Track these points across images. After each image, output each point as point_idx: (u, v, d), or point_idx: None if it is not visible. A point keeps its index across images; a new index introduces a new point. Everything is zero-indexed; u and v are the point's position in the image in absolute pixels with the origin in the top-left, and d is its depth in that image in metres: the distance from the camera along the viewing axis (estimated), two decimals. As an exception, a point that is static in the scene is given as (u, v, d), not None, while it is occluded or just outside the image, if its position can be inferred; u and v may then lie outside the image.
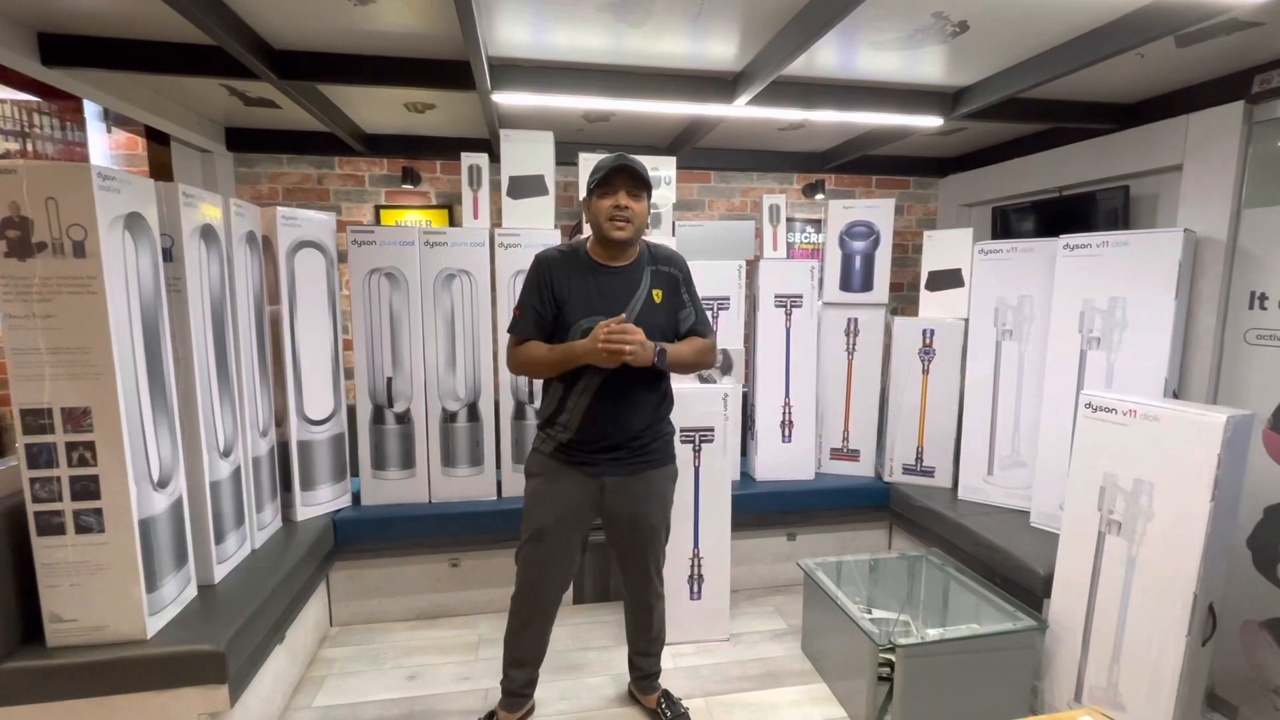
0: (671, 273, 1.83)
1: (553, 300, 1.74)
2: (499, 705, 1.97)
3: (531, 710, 2.05)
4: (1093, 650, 1.89)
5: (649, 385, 1.78)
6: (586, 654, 2.40)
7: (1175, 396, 2.21)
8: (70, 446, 1.53)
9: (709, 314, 2.81)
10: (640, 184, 1.70)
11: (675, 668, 2.32)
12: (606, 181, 1.68)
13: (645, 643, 2.03)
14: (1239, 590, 2.06)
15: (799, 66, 2.27)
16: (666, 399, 1.87)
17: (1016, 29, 2.00)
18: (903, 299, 4.01)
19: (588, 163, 2.70)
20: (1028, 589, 2.14)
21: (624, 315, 1.66)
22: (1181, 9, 1.73)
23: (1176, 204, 2.40)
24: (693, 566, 2.44)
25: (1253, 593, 2.06)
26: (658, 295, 1.79)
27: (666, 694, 2.07)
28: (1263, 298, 2.10)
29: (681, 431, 2.36)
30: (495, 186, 2.71)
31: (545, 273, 1.76)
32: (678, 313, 1.83)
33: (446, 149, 3.34)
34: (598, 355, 1.61)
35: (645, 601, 1.97)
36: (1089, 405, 1.95)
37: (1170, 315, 2.13)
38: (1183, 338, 2.23)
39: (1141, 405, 1.81)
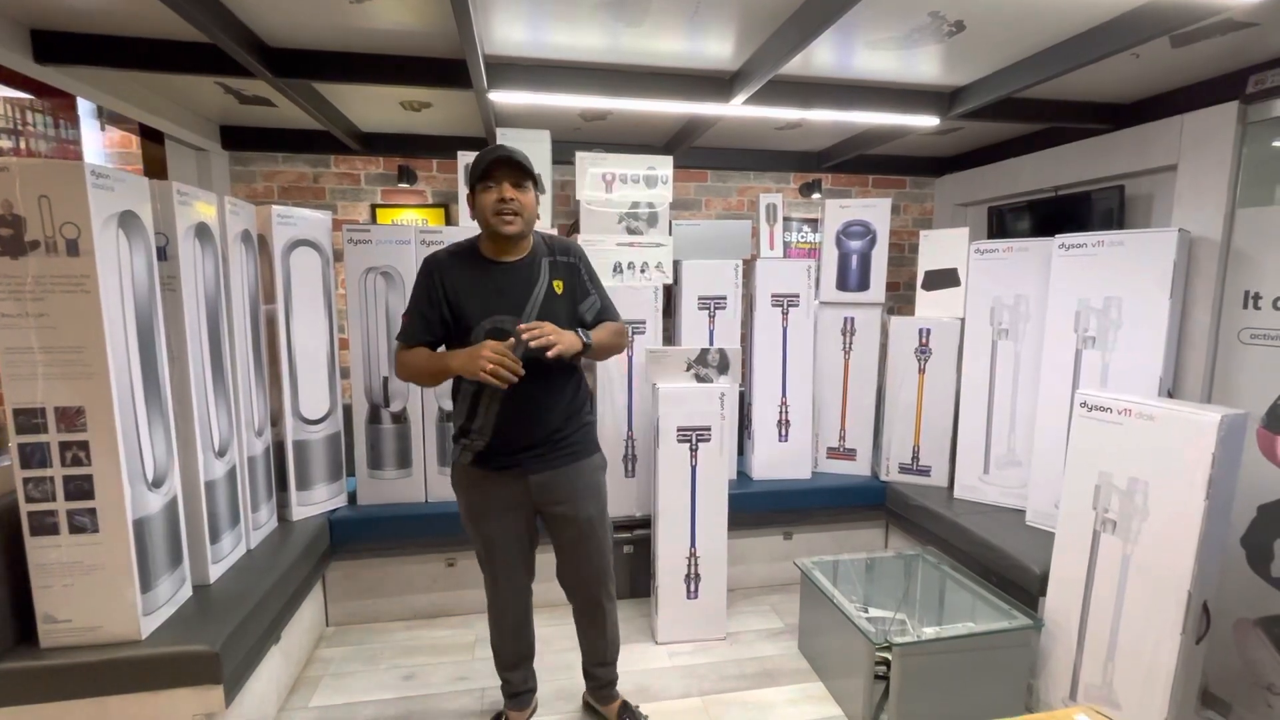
0: (571, 262, 1.76)
1: (445, 304, 1.66)
2: (506, 707, 1.97)
3: (536, 708, 2.05)
4: (1088, 648, 1.90)
5: (561, 379, 1.72)
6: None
7: (1170, 396, 2.21)
8: (64, 446, 1.52)
9: (705, 314, 2.84)
10: (523, 174, 1.61)
11: (672, 666, 2.32)
12: (487, 175, 1.60)
13: (600, 650, 1.94)
14: (1233, 588, 2.07)
15: (795, 66, 2.27)
16: (581, 390, 1.81)
17: (1012, 29, 2.00)
18: (899, 298, 4.02)
19: (584, 161, 2.70)
20: (1023, 587, 2.15)
21: (513, 341, 1.56)
22: (1176, 9, 1.73)
23: (1171, 204, 2.41)
24: (689, 566, 2.44)
25: (1246, 591, 2.07)
26: (559, 286, 1.72)
27: (626, 704, 2.00)
28: (1256, 297, 2.11)
29: (678, 430, 2.37)
30: (492, 185, 2.70)
31: (435, 276, 1.68)
32: (580, 302, 1.76)
33: (443, 148, 3.33)
34: (474, 372, 1.51)
35: (594, 600, 1.88)
36: (1084, 404, 1.95)
37: (1165, 314, 2.13)
38: (1177, 337, 2.24)
39: (1136, 404, 1.82)
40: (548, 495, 1.76)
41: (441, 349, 1.73)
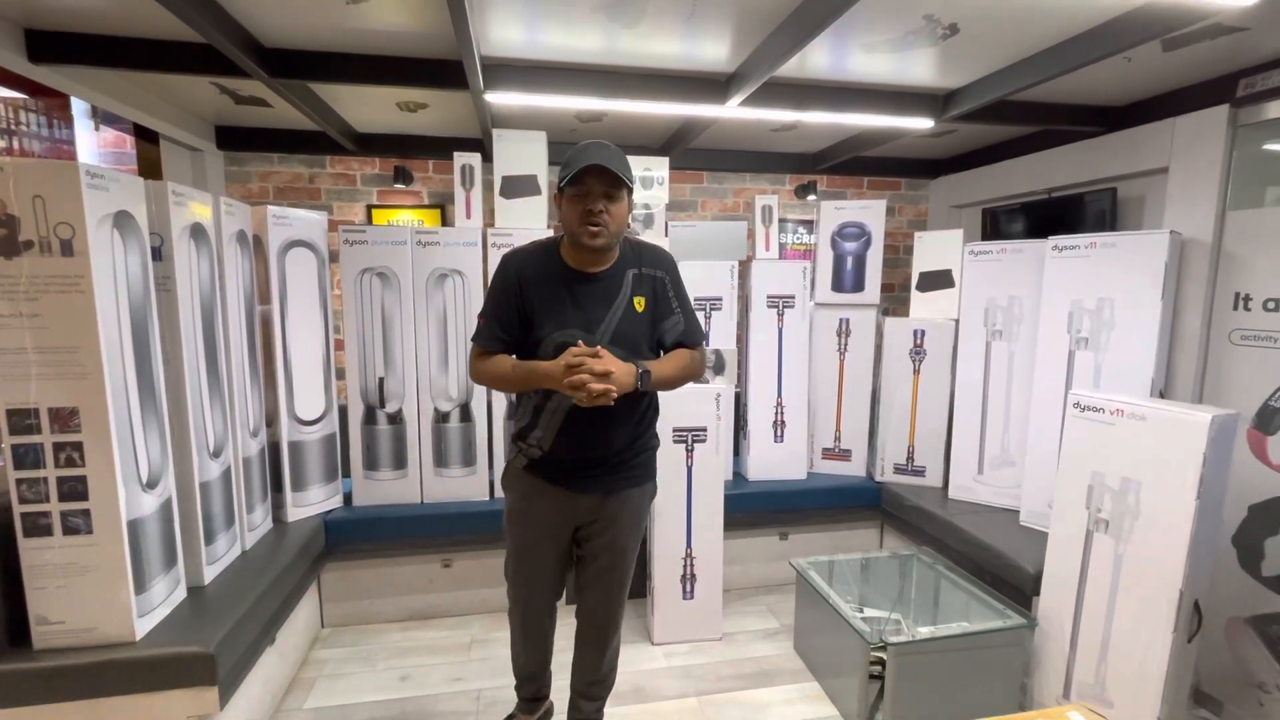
0: (657, 275, 1.62)
1: (521, 308, 1.55)
2: (517, 709, 1.92)
3: (551, 710, 1.98)
4: (1081, 647, 1.91)
5: (632, 397, 1.57)
6: (579, 654, 2.40)
7: (1161, 396, 2.23)
8: (58, 447, 1.51)
9: (701, 315, 2.84)
10: (618, 181, 1.47)
11: (668, 667, 2.33)
12: (578, 180, 1.46)
13: (589, 684, 1.83)
14: (1224, 587, 2.09)
15: (791, 68, 2.28)
16: (651, 410, 1.69)
17: (1006, 32, 2.01)
18: (894, 300, 4.04)
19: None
20: (1017, 587, 2.16)
21: (597, 343, 1.47)
22: (1168, 13, 1.75)
23: (1163, 206, 2.43)
24: (685, 566, 2.45)
25: (1238, 589, 2.08)
26: (640, 303, 1.58)
27: None
28: (1246, 298, 2.13)
29: (674, 431, 2.37)
30: (488, 186, 2.71)
31: (514, 276, 1.56)
32: (662, 321, 1.62)
33: (439, 148, 3.34)
34: (561, 387, 1.43)
35: (602, 632, 1.78)
36: (1077, 405, 1.97)
37: (1156, 316, 2.15)
38: (1169, 338, 2.26)
39: (1128, 405, 1.83)
40: (592, 516, 1.67)
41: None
